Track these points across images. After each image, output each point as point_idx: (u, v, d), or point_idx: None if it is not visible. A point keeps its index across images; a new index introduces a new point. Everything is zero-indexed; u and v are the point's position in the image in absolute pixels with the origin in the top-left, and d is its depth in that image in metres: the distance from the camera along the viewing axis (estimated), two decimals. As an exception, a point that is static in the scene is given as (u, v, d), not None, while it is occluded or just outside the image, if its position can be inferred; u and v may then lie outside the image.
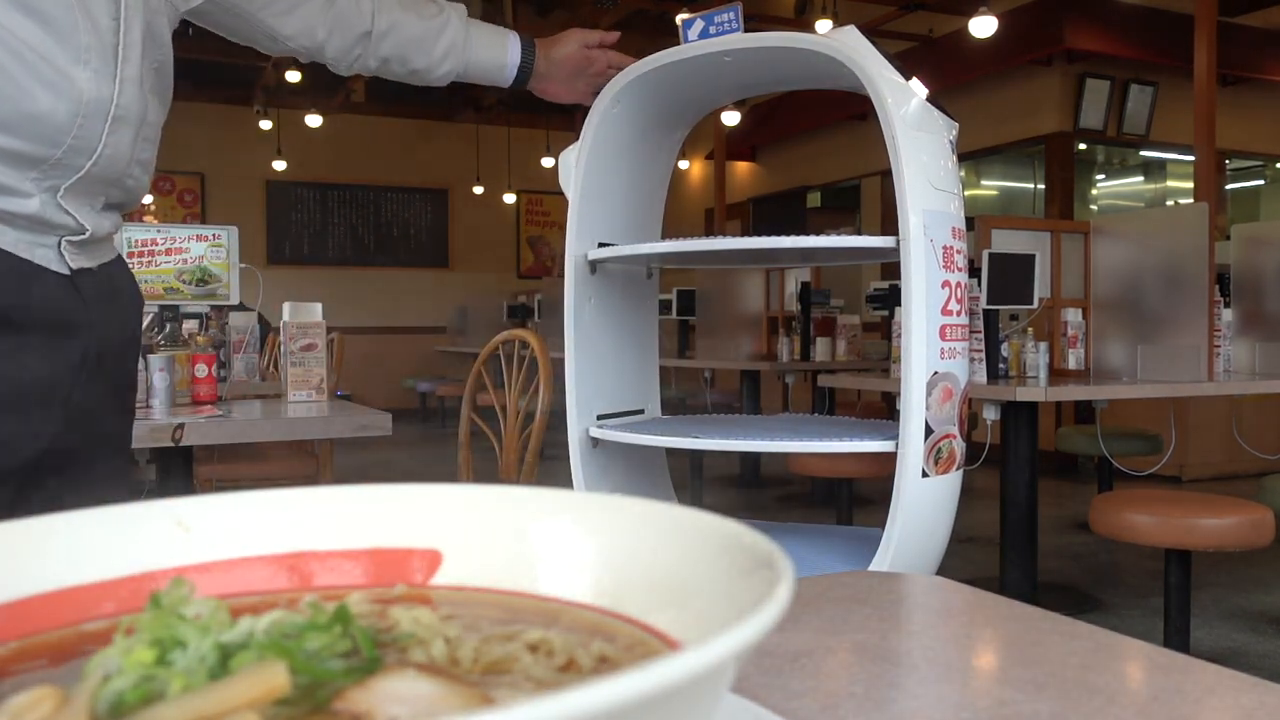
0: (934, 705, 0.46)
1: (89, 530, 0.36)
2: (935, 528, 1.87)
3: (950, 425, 1.86)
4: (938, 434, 1.84)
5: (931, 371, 1.83)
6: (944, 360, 1.84)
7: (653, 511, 0.36)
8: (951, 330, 1.85)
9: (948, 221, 1.85)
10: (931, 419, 1.83)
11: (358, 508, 0.40)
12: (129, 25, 0.97)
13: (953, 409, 1.86)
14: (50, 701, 0.25)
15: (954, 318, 1.85)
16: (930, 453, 1.84)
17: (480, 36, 1.54)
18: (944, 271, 1.83)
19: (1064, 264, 3.85)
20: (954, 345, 1.86)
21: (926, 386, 1.82)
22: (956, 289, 1.86)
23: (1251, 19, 7.81)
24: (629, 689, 0.19)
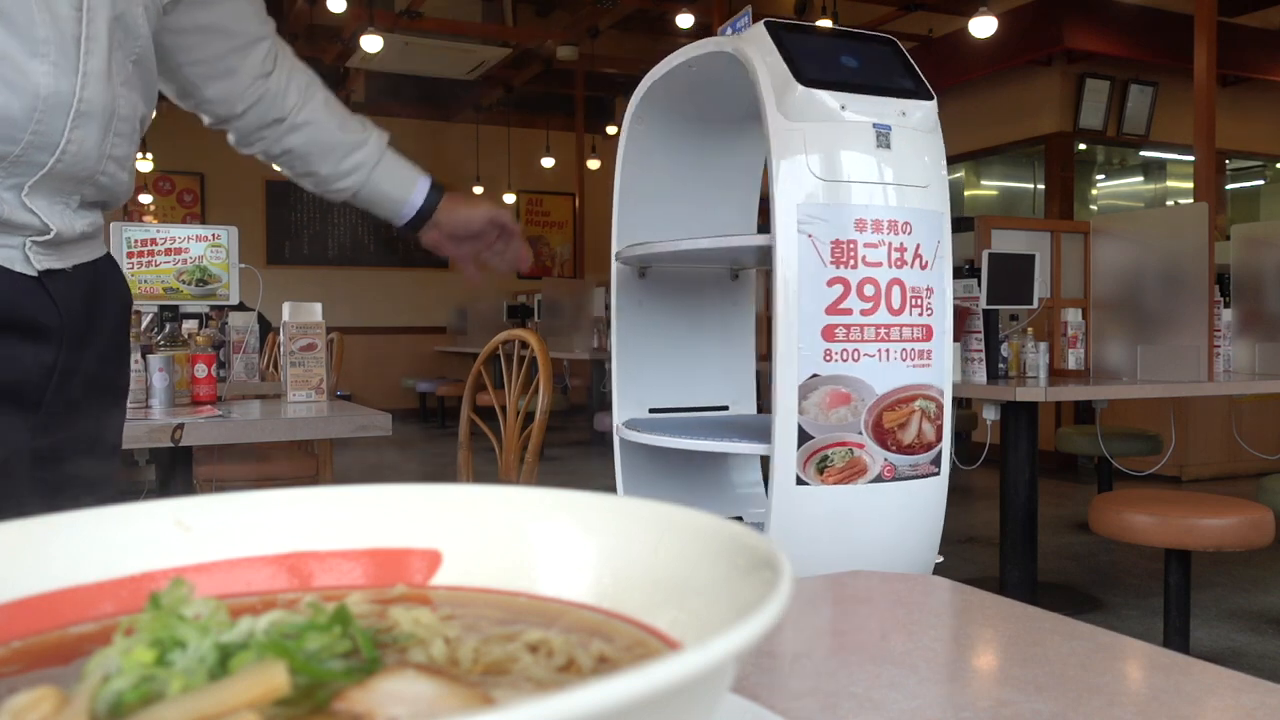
0: (934, 705, 0.46)
1: (89, 530, 0.36)
2: (832, 541, 1.73)
3: (848, 433, 1.71)
4: (820, 441, 1.70)
5: (809, 374, 1.70)
6: (832, 363, 1.69)
7: (652, 511, 0.36)
8: (850, 331, 1.70)
9: (851, 213, 1.70)
10: (809, 425, 1.70)
11: (358, 508, 0.40)
12: (93, 16, 0.93)
13: (851, 415, 1.71)
14: (50, 702, 0.25)
15: (853, 316, 1.70)
16: (808, 460, 1.70)
17: (391, 168, 1.43)
18: (834, 268, 1.69)
19: (1064, 264, 3.85)
20: (853, 346, 1.70)
21: (800, 390, 1.69)
22: (863, 287, 1.69)
23: (1251, 19, 7.81)
24: (629, 689, 0.19)
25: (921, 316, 1.74)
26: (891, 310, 1.73)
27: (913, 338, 1.75)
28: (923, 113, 1.80)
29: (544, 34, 8.94)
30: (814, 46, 1.81)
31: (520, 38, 8.84)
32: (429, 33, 8.17)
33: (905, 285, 1.74)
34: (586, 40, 8.66)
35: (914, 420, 1.77)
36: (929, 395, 1.78)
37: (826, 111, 1.72)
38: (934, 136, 1.83)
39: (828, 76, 1.75)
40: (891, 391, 1.75)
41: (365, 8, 7.40)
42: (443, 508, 0.40)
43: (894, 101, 1.77)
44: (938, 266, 1.78)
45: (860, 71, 1.79)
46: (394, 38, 7.88)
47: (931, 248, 1.76)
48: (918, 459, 1.79)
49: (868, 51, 1.84)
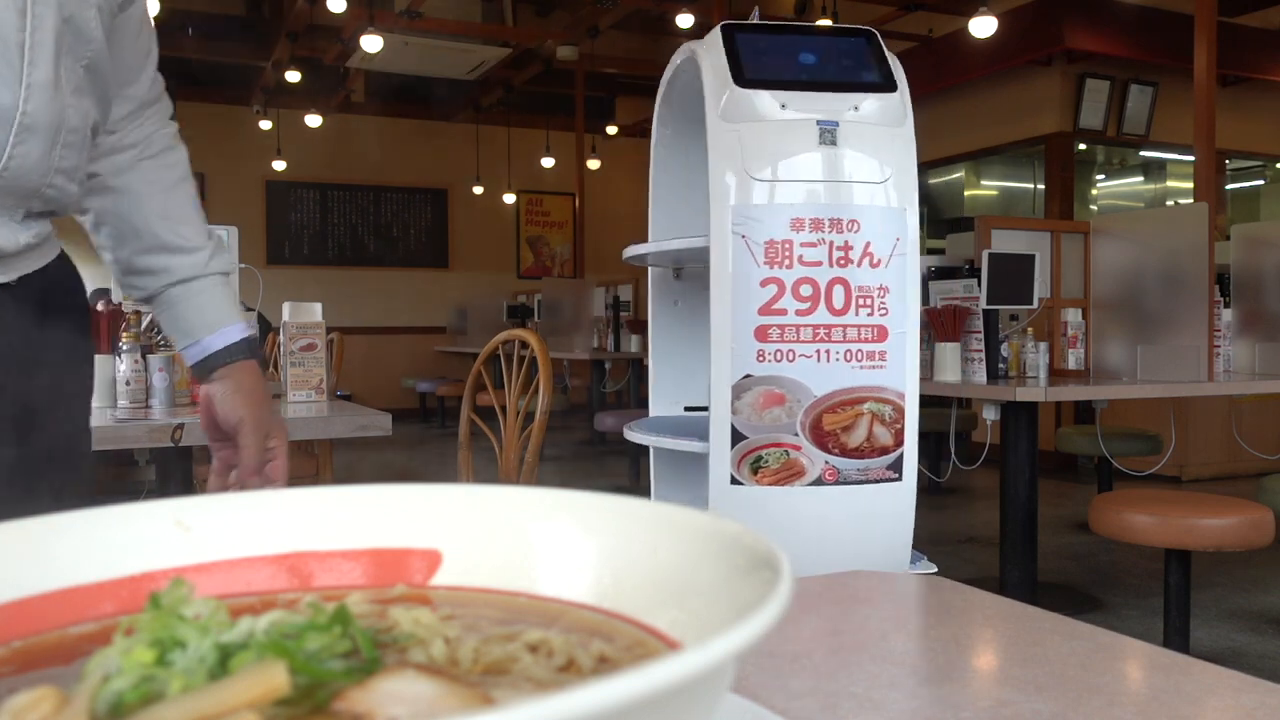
0: (934, 705, 0.46)
1: (89, 530, 0.36)
2: (783, 541, 1.70)
3: (782, 434, 1.68)
4: (754, 441, 1.69)
5: (742, 374, 1.68)
6: (765, 364, 1.67)
7: (652, 511, 0.36)
8: (784, 331, 1.67)
9: (785, 212, 1.67)
10: (743, 425, 1.69)
11: (358, 508, 0.40)
12: (37, 24, 0.86)
13: (786, 416, 1.68)
14: (50, 702, 0.25)
15: (788, 316, 1.66)
16: (742, 460, 1.69)
17: (204, 299, 1.16)
18: (768, 266, 1.66)
19: (1064, 264, 3.85)
20: (787, 346, 1.67)
21: (734, 390, 1.69)
22: (799, 287, 1.66)
23: (1251, 19, 7.81)
24: (629, 689, 0.19)
25: (872, 317, 1.70)
26: (833, 310, 1.70)
27: (860, 338, 1.71)
28: (880, 105, 1.72)
29: (544, 34, 8.94)
30: (769, 46, 1.78)
31: (520, 38, 8.84)
32: (429, 33, 8.17)
33: (850, 285, 1.70)
34: (586, 40, 8.66)
35: (861, 423, 1.73)
36: (882, 398, 1.72)
37: (765, 111, 1.71)
38: (895, 129, 1.74)
39: (774, 76, 1.73)
40: (833, 393, 1.72)
41: (365, 8, 7.40)
42: (443, 508, 0.40)
43: (845, 96, 1.72)
44: (896, 264, 1.71)
45: (817, 68, 1.76)
46: (394, 38, 7.88)
47: (886, 245, 1.71)
48: (868, 463, 1.73)
49: (833, 46, 1.80)
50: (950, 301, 3.46)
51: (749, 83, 1.72)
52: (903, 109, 1.75)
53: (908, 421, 1.74)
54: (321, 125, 10.26)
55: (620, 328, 7.83)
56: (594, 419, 6.54)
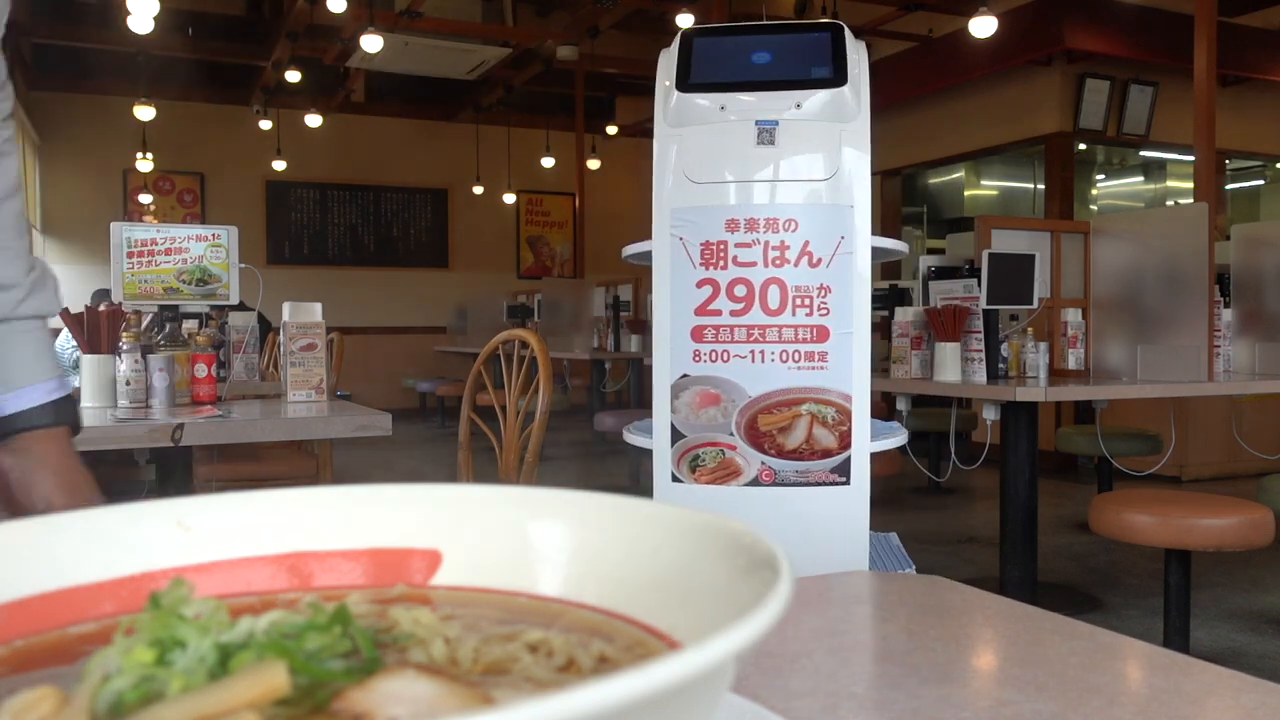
0: (934, 705, 0.46)
1: (89, 530, 0.36)
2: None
3: (718, 434, 1.70)
4: (692, 440, 1.72)
5: (679, 374, 1.71)
6: (701, 364, 1.69)
7: (653, 511, 0.36)
8: (718, 332, 1.68)
9: (720, 215, 1.69)
10: (681, 424, 1.72)
11: (358, 508, 0.40)
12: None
13: (721, 416, 1.70)
14: (50, 702, 0.25)
15: (722, 317, 1.68)
16: (681, 459, 1.73)
17: (17, 344, 0.97)
18: (703, 268, 1.68)
19: (1064, 264, 3.85)
20: (721, 347, 1.69)
21: (673, 389, 1.73)
22: (734, 288, 1.67)
23: (1251, 19, 7.81)
24: (629, 689, 0.19)
25: (811, 317, 1.68)
26: (768, 311, 1.69)
27: (798, 339, 1.70)
28: (827, 101, 1.68)
29: (544, 34, 8.93)
30: (725, 49, 1.79)
31: (520, 38, 8.84)
32: (429, 32, 8.17)
33: (786, 285, 1.69)
34: (586, 40, 8.66)
35: (800, 424, 1.71)
36: (823, 399, 1.70)
37: (705, 114, 1.72)
38: (844, 125, 1.70)
39: (721, 78, 1.74)
40: (769, 394, 1.71)
41: (365, 8, 7.40)
42: (443, 508, 0.40)
43: (787, 95, 1.70)
44: (840, 264, 1.68)
45: (768, 67, 1.75)
46: (394, 37, 7.88)
47: (829, 244, 1.67)
48: (808, 465, 1.70)
49: (791, 44, 1.77)
50: (950, 301, 3.46)
51: (690, 87, 1.73)
52: (855, 104, 1.70)
53: (855, 424, 1.70)
54: (321, 125, 10.26)
55: (620, 328, 7.83)
56: (594, 419, 6.54)
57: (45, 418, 0.95)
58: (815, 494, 1.70)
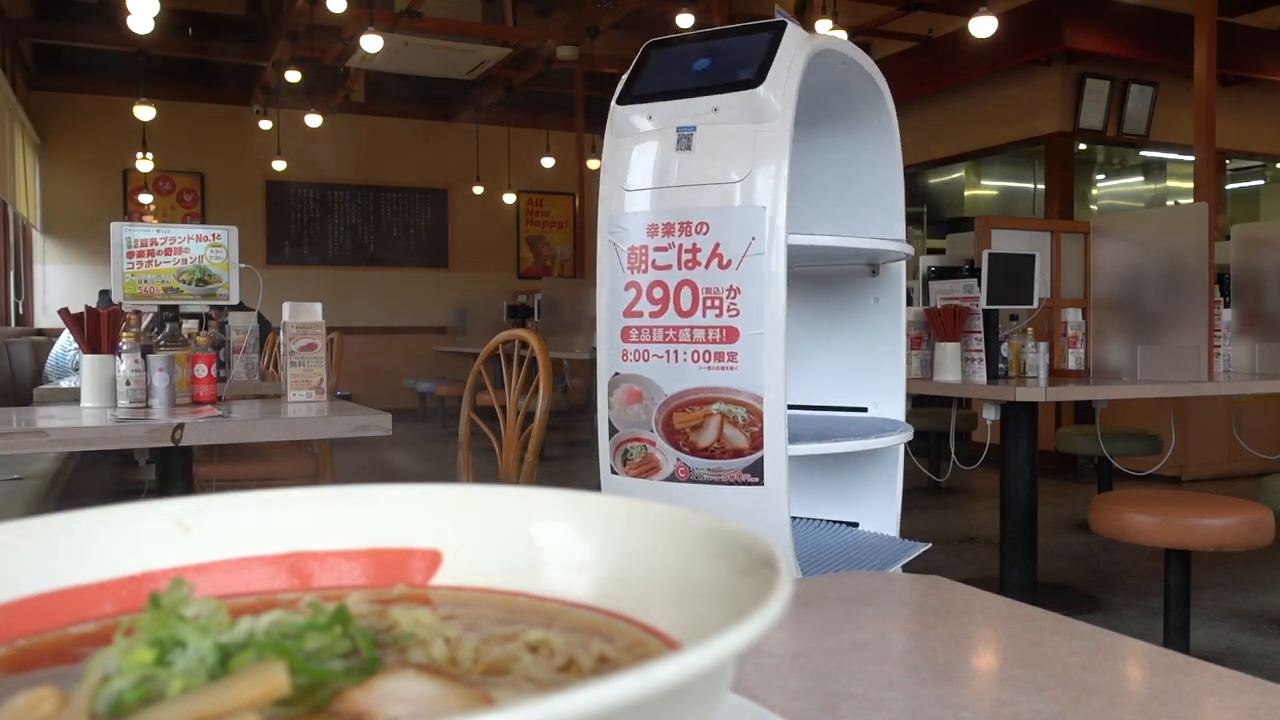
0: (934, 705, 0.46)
1: (89, 530, 0.36)
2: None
3: (641, 430, 1.75)
4: (623, 435, 1.79)
5: (612, 372, 1.78)
6: (628, 363, 1.75)
7: (653, 511, 0.36)
8: (640, 332, 1.73)
9: (642, 219, 1.74)
10: (615, 419, 1.80)
11: (358, 508, 0.40)
12: None
13: (643, 413, 1.74)
14: (50, 702, 0.25)
15: (643, 318, 1.73)
16: (616, 451, 1.80)
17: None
18: (629, 272, 1.75)
19: (1064, 264, 3.85)
20: (642, 347, 1.74)
21: (608, 386, 1.80)
22: (652, 290, 1.72)
23: (1251, 19, 7.81)
24: (629, 689, 0.19)
25: (720, 318, 1.70)
26: (680, 312, 1.73)
27: (708, 339, 1.72)
28: (744, 103, 1.69)
29: (544, 34, 8.94)
30: (672, 58, 1.83)
31: (520, 38, 8.84)
32: (429, 32, 8.17)
33: (697, 286, 1.71)
34: (586, 40, 8.66)
35: (711, 423, 1.73)
36: (733, 399, 1.71)
37: (637, 125, 1.79)
38: (759, 126, 1.70)
39: (657, 89, 1.79)
40: (683, 392, 1.74)
41: (365, 8, 7.40)
42: (443, 508, 0.40)
43: (705, 100, 1.73)
44: (750, 265, 1.68)
45: (704, 73, 1.77)
46: (394, 37, 7.88)
47: (739, 245, 1.68)
48: (719, 464, 1.72)
49: (727, 48, 1.80)
50: (950, 301, 3.46)
51: (628, 99, 1.80)
52: (777, 103, 1.68)
53: (767, 425, 1.69)
54: (321, 125, 10.26)
55: (620, 328, 7.82)
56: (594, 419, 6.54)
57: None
58: (730, 492, 1.71)
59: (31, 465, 3.62)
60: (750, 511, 1.72)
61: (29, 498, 3.08)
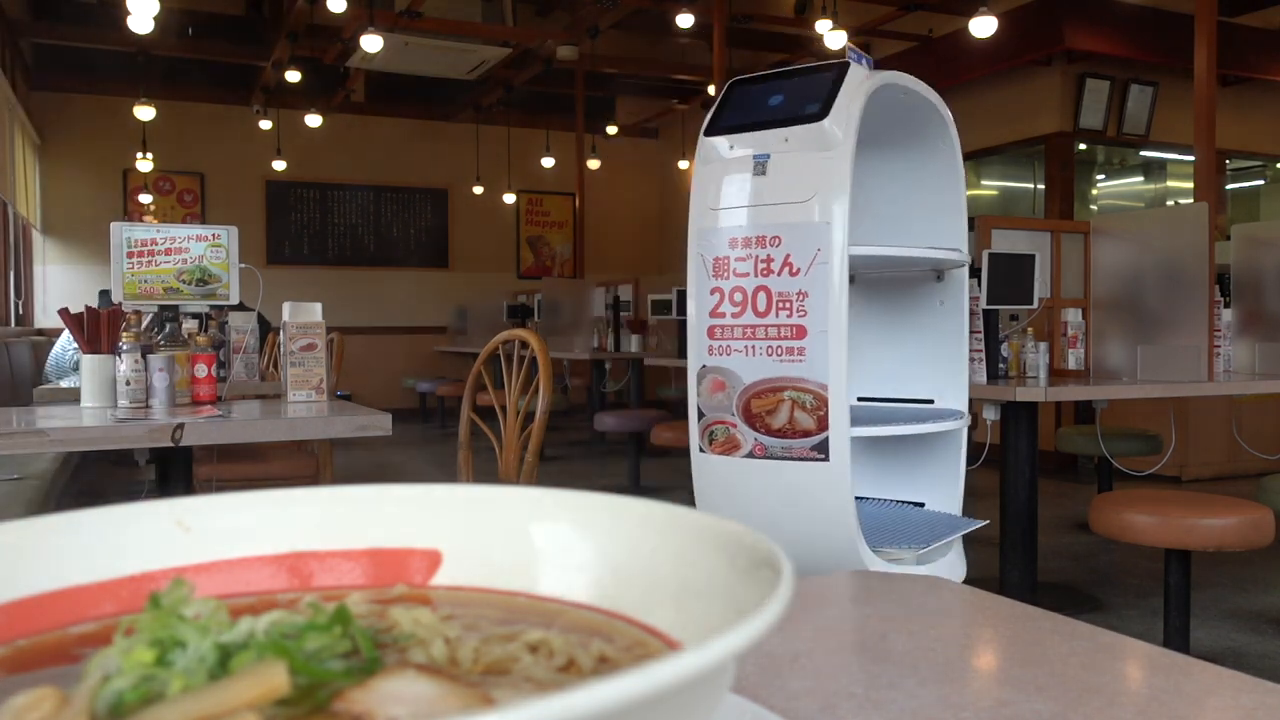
0: (934, 705, 0.46)
1: (89, 530, 0.36)
2: (729, 503, 2.10)
3: (725, 414, 2.05)
4: (709, 419, 2.08)
5: (700, 365, 2.09)
6: (713, 357, 2.06)
7: (653, 511, 0.36)
8: (724, 331, 2.03)
9: (724, 234, 2.03)
10: (703, 405, 2.09)
11: (358, 508, 0.40)
12: None
13: (727, 400, 2.03)
14: (50, 702, 0.25)
15: (725, 318, 2.02)
16: (704, 433, 2.09)
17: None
18: (714, 279, 2.04)
19: (1064, 264, 3.85)
20: (725, 343, 2.04)
21: (697, 377, 2.10)
22: (733, 294, 2.01)
23: (1251, 19, 7.81)
24: (629, 689, 0.19)
25: (791, 318, 1.97)
26: (757, 313, 2.01)
27: (780, 336, 1.99)
28: (811, 134, 1.98)
29: (544, 34, 8.93)
30: (752, 94, 2.11)
31: (520, 38, 8.84)
32: (429, 32, 8.16)
33: (771, 291, 1.99)
34: (586, 40, 8.66)
35: (783, 408, 2.00)
36: (802, 387, 1.98)
37: (720, 153, 2.09)
38: (823, 154, 1.98)
39: (735, 121, 2.08)
40: (759, 382, 2.02)
41: (365, 8, 7.40)
42: (443, 508, 0.40)
43: (777, 132, 2.01)
44: (817, 272, 1.96)
45: (777, 108, 2.05)
46: (394, 38, 7.88)
47: (806, 256, 1.96)
48: (790, 443, 1.99)
49: (801, 85, 2.07)
50: (950, 301, 3.46)
51: (711, 131, 2.09)
52: (837, 134, 1.96)
53: (832, 409, 1.96)
54: (321, 125, 10.26)
55: (620, 328, 7.82)
56: (594, 419, 6.54)
57: None
58: (799, 467, 1.98)
59: (31, 465, 3.62)
60: (817, 483, 1.97)
61: (29, 498, 3.08)
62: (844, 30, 7.41)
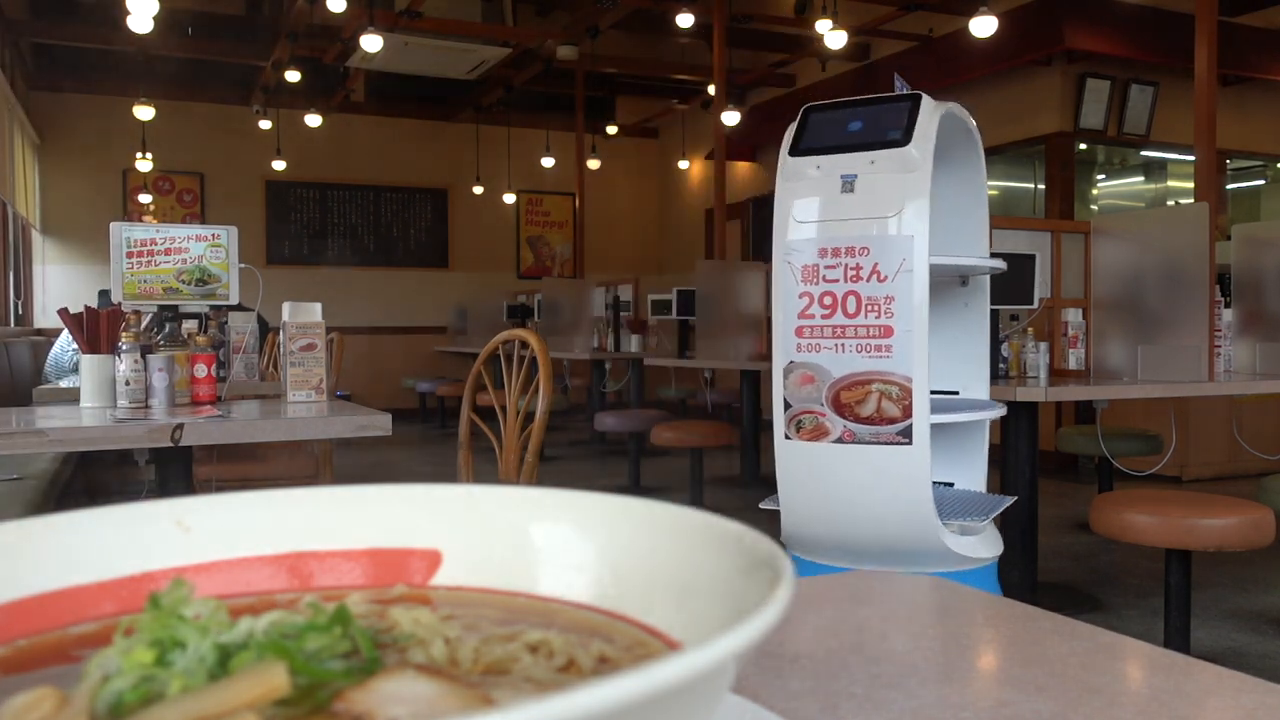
0: (934, 705, 0.46)
1: (89, 530, 0.36)
2: (813, 483, 2.33)
3: (814, 404, 2.30)
4: (796, 409, 2.31)
5: (787, 361, 2.32)
6: (801, 354, 2.31)
7: (653, 511, 0.36)
8: (813, 330, 2.29)
9: (813, 244, 2.28)
10: (790, 397, 2.32)
11: (358, 508, 0.40)
12: None
13: (815, 392, 2.29)
14: (50, 702, 0.25)
15: (814, 319, 2.28)
16: (791, 422, 2.32)
17: None
18: (802, 283, 2.28)
19: (1064, 264, 3.85)
20: (814, 341, 2.29)
21: (784, 372, 2.32)
22: (823, 298, 2.27)
23: (1252, 19, 7.81)
24: (629, 690, 0.19)
25: (879, 319, 2.22)
26: (847, 314, 2.25)
27: (869, 335, 2.24)
28: (895, 157, 2.23)
29: (544, 34, 8.93)
30: (830, 119, 2.37)
31: (520, 38, 8.84)
32: (429, 32, 8.16)
33: (860, 295, 2.23)
34: (586, 40, 8.66)
35: (871, 398, 2.25)
36: (889, 380, 2.23)
37: (807, 172, 2.32)
38: (906, 175, 2.22)
39: (818, 144, 2.32)
40: (848, 375, 2.26)
41: (365, 7, 7.40)
42: (443, 508, 0.40)
43: (863, 155, 2.26)
44: (902, 279, 2.21)
45: (860, 133, 2.30)
46: (394, 37, 7.88)
47: (892, 264, 2.21)
48: (878, 429, 2.23)
49: (879, 112, 2.33)
50: (950, 301, 3.47)
51: (798, 153, 2.33)
52: (918, 158, 2.22)
53: (915, 399, 2.21)
54: (321, 125, 10.26)
55: (620, 328, 7.82)
56: (594, 419, 6.54)
57: None
58: (886, 450, 2.23)
59: (31, 465, 3.62)
60: (900, 464, 2.22)
61: (29, 498, 3.08)
62: (844, 30, 7.41)
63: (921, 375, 2.20)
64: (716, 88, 8.19)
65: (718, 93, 8.19)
